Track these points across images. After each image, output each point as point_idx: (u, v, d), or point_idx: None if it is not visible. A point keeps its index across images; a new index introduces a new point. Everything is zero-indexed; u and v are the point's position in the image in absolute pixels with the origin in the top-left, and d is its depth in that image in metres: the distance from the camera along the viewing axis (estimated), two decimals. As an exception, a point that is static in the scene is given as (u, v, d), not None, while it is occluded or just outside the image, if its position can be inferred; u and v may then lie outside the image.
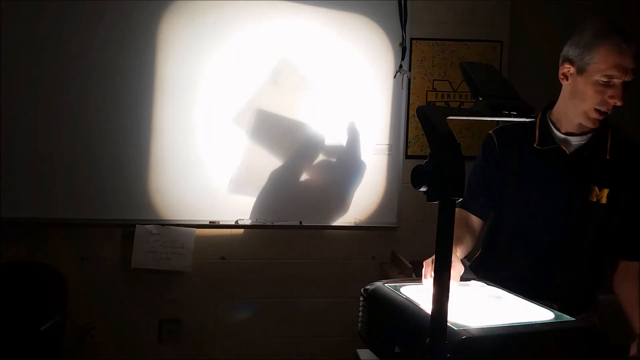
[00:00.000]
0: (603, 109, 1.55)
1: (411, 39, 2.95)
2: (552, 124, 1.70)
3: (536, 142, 1.69)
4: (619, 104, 1.53)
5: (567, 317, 1.21)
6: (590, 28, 1.57)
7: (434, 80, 3.01)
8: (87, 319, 2.86)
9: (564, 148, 1.66)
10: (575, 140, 1.66)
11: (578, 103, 1.60)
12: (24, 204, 2.76)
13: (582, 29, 1.60)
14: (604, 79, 1.52)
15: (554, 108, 1.72)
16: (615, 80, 1.52)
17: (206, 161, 2.84)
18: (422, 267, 1.40)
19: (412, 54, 2.97)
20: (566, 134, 1.67)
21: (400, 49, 2.91)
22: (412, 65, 2.97)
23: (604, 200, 1.62)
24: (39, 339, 2.32)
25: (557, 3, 3.05)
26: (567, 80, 1.63)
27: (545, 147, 1.68)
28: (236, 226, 2.91)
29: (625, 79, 1.51)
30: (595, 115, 1.57)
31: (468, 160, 1.76)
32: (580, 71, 1.57)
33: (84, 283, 2.84)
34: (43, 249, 2.80)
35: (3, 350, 2.32)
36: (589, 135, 1.66)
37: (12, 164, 2.74)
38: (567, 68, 1.62)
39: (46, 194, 2.77)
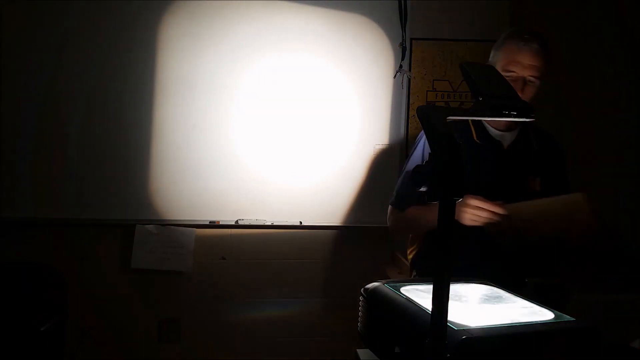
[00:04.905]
0: None
1: (411, 39, 2.95)
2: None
3: (475, 136, 1.81)
4: None
5: (567, 317, 1.21)
6: (504, 33, 1.82)
7: (434, 80, 3.01)
8: (87, 319, 2.87)
9: (501, 143, 1.82)
10: (508, 136, 1.83)
11: None
12: (24, 203, 2.76)
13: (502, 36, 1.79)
14: (506, 74, 1.70)
15: None
16: (514, 74, 1.73)
17: (206, 161, 2.84)
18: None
19: (412, 54, 2.97)
20: (496, 129, 1.83)
21: (400, 49, 2.91)
22: (412, 65, 2.97)
23: (538, 188, 1.79)
24: (39, 339, 2.32)
25: (557, 3, 3.04)
26: None
27: (484, 141, 1.81)
28: (236, 226, 2.91)
29: (526, 75, 1.72)
30: None
31: (468, 160, 1.78)
32: None
33: (84, 283, 2.84)
34: (43, 249, 2.80)
35: (3, 350, 2.32)
36: (516, 131, 1.83)
37: (12, 163, 2.74)
38: None
39: (46, 193, 2.77)
